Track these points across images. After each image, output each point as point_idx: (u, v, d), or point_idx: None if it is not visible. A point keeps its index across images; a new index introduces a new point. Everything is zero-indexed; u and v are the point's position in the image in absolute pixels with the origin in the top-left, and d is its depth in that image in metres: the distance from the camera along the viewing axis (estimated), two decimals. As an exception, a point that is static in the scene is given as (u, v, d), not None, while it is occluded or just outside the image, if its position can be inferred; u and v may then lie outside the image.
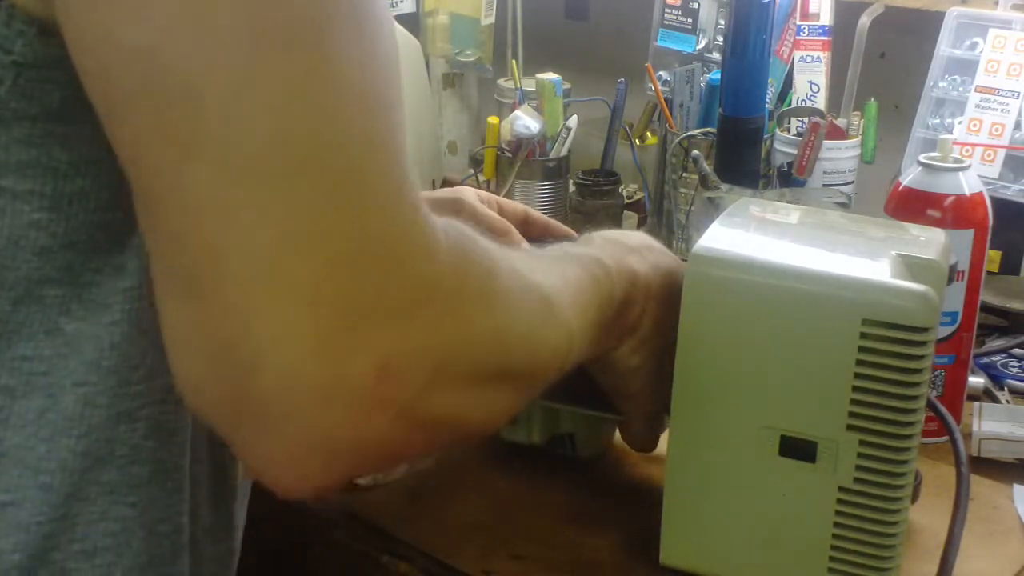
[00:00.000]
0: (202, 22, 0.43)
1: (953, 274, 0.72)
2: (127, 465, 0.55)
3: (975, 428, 0.87)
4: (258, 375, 0.44)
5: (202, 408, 0.48)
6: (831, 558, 0.67)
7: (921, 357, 0.63)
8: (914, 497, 0.71)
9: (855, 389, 0.64)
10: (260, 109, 0.43)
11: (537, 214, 0.92)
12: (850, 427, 0.65)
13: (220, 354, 0.45)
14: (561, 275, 0.62)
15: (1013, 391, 0.98)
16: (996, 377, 1.00)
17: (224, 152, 0.43)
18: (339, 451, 0.46)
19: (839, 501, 0.66)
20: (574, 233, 0.89)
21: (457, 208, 0.85)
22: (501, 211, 0.89)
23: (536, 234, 0.89)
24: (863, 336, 0.63)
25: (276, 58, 0.44)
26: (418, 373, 0.47)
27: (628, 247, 0.71)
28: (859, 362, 0.63)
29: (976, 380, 0.96)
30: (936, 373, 0.88)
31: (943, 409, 0.74)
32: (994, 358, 1.03)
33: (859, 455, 0.65)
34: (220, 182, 0.43)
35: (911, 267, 0.67)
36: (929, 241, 0.72)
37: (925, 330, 0.62)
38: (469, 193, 0.88)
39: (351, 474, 0.50)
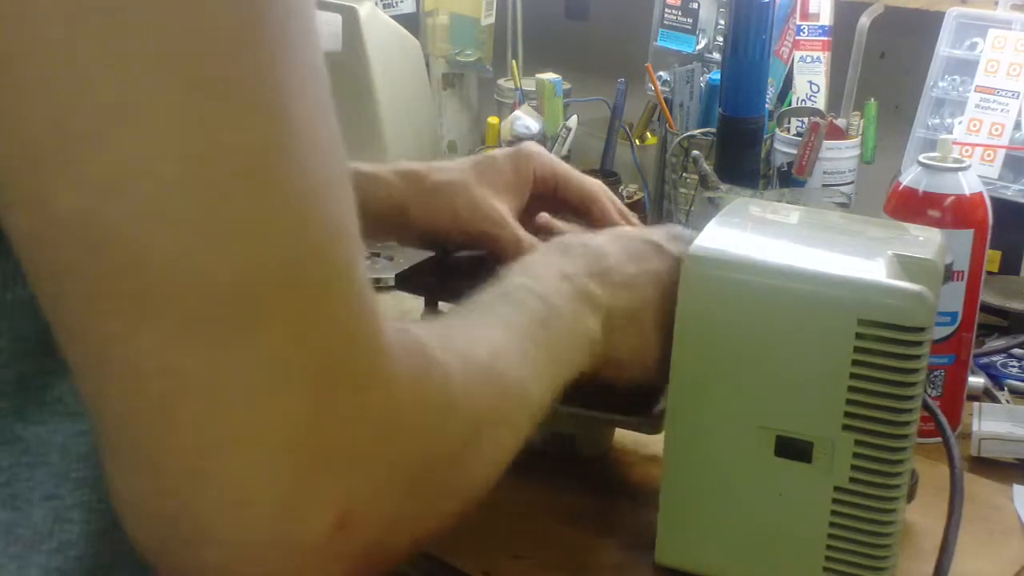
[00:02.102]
0: (142, 179, 0.39)
1: (949, 273, 0.72)
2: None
3: (975, 428, 0.87)
4: (209, 545, 0.42)
5: (158, 567, 0.45)
6: (827, 557, 0.67)
7: (917, 357, 0.63)
8: (910, 496, 0.71)
9: (851, 389, 0.64)
10: (214, 264, 0.40)
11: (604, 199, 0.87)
12: (846, 427, 0.65)
13: (172, 522, 0.42)
14: (527, 340, 0.60)
15: (1013, 391, 0.98)
16: (996, 377, 1.00)
17: (175, 317, 0.40)
18: None
19: (835, 501, 0.66)
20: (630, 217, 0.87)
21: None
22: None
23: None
24: (859, 336, 0.63)
25: (225, 207, 0.40)
26: (381, 513, 0.44)
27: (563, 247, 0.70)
28: (855, 362, 0.63)
29: (976, 380, 0.96)
30: (936, 373, 0.88)
31: (936, 408, 0.74)
32: (994, 358, 1.03)
33: (855, 455, 0.65)
34: (171, 348, 0.40)
35: (907, 267, 0.67)
36: (926, 241, 0.72)
37: (921, 330, 0.62)
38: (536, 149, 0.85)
39: None
